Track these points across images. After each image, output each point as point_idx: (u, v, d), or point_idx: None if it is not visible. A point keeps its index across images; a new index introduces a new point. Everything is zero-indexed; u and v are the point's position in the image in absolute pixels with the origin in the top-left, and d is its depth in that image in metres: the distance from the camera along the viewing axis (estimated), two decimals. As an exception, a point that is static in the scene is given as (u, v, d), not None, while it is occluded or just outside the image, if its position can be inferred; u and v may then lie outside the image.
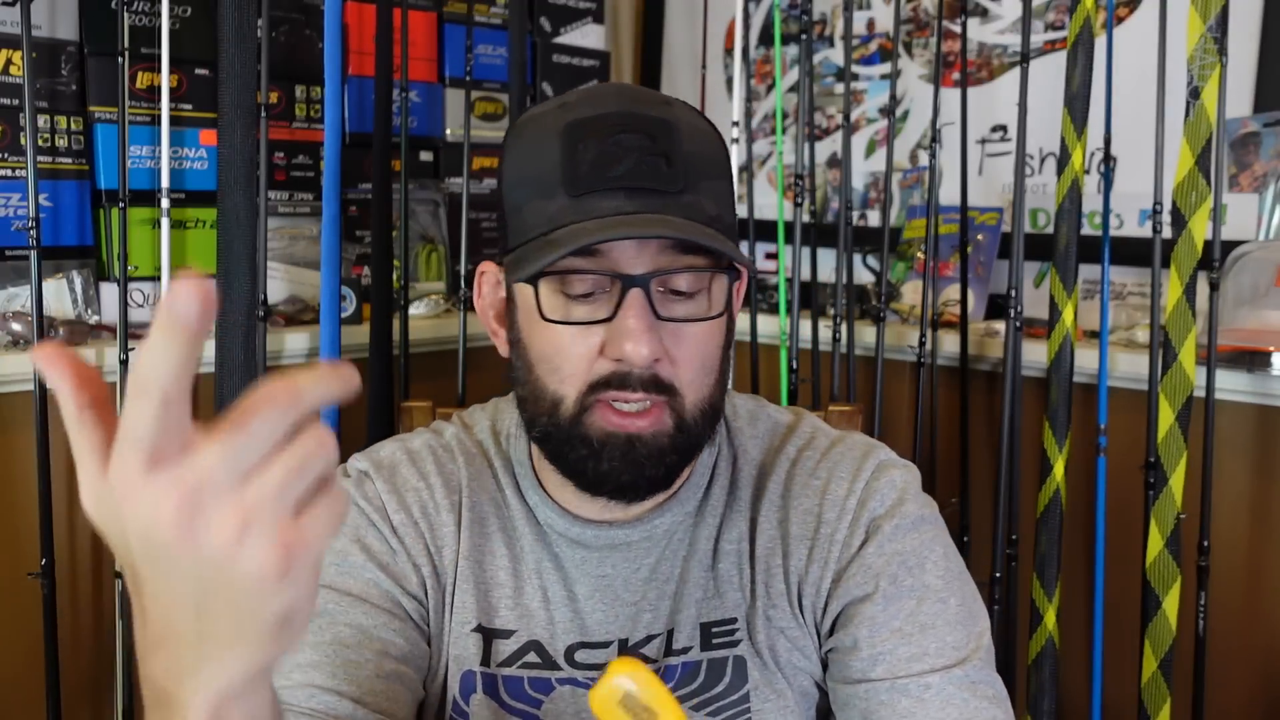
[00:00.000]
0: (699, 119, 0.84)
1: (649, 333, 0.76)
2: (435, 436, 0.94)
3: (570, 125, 0.79)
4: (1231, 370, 1.50)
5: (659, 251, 0.78)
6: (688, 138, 0.80)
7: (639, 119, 0.79)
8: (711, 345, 0.82)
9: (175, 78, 1.63)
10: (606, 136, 0.77)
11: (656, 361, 0.78)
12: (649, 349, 0.76)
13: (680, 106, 0.83)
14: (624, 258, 0.77)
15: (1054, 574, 1.57)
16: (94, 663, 1.58)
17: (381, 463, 0.91)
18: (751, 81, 2.25)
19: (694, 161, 0.79)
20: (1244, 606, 1.56)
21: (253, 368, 1.51)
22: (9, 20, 1.51)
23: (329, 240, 1.59)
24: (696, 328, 0.80)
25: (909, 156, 2.06)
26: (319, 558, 0.44)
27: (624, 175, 0.77)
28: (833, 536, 0.86)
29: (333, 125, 1.58)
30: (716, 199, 0.80)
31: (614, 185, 0.76)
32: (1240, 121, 1.63)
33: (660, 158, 0.77)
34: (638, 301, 0.77)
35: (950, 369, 1.80)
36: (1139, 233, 1.73)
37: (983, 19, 1.94)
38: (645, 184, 0.77)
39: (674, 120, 0.80)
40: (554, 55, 2.16)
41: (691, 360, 0.80)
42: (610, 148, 0.77)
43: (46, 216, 1.55)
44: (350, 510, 0.88)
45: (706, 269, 0.79)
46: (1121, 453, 1.58)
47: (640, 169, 0.77)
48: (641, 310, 0.77)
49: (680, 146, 0.78)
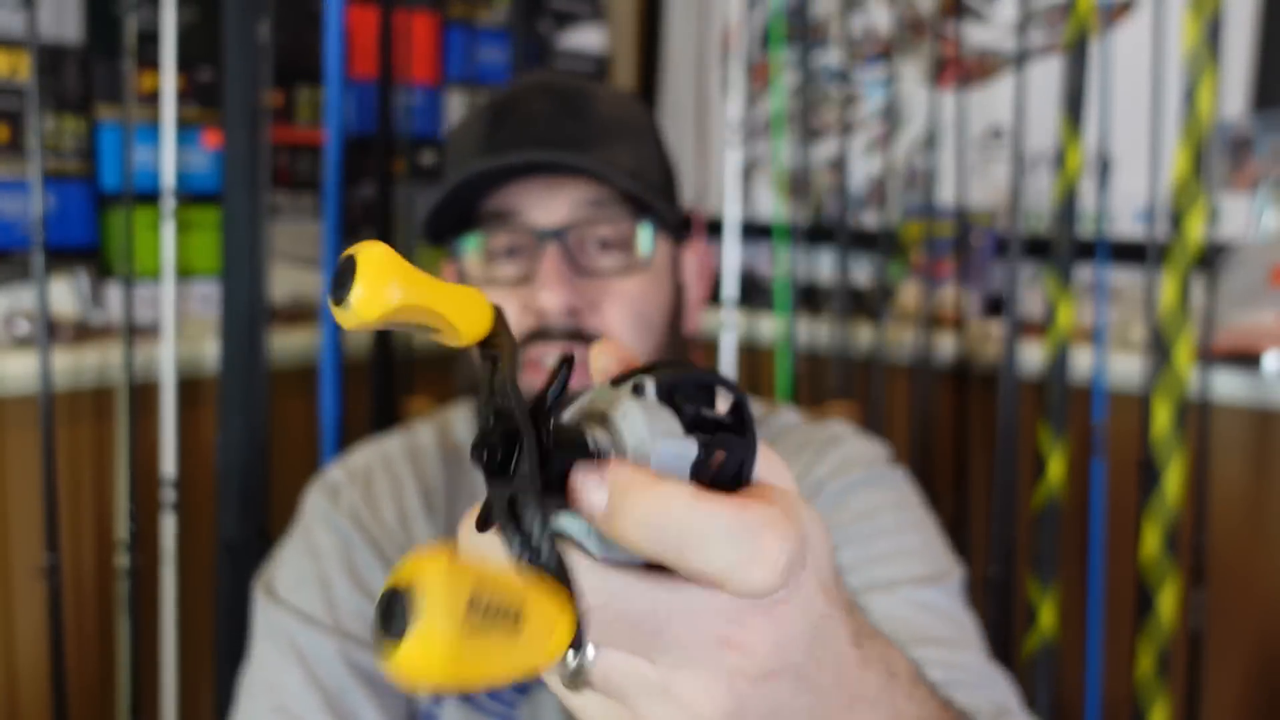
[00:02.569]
0: (620, 93, 0.87)
1: (562, 280, 0.77)
2: (410, 439, 0.94)
3: (492, 103, 0.83)
4: (1227, 371, 1.51)
5: (575, 204, 0.79)
6: (602, 103, 0.82)
7: (553, 88, 0.82)
8: (646, 302, 0.81)
9: (179, 80, 1.64)
10: (521, 106, 0.80)
11: (577, 314, 0.78)
12: (561, 299, 0.77)
13: (602, 84, 0.87)
14: (539, 214, 0.79)
15: (1050, 574, 1.58)
16: (99, 661, 1.59)
17: (356, 472, 0.91)
18: (750, 84, 2.26)
19: (607, 122, 0.81)
20: (1239, 606, 1.57)
21: (256, 367, 1.52)
22: (15, 24, 1.52)
23: (331, 241, 1.60)
24: (623, 280, 0.80)
25: (906, 158, 2.06)
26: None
27: (535, 134, 0.79)
28: None
29: (335, 127, 1.59)
30: (636, 156, 0.81)
31: (525, 142, 0.79)
32: (1235, 123, 1.64)
33: (571, 118, 0.80)
34: (551, 253, 0.78)
35: (947, 370, 1.81)
36: (1134, 234, 1.74)
37: (979, 22, 1.94)
38: (553, 140, 0.79)
39: (587, 89, 0.83)
40: (554, 57, 2.18)
41: (620, 312, 0.80)
42: (523, 112, 0.80)
43: (51, 218, 1.56)
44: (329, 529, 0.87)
45: (623, 216, 0.80)
46: (1117, 453, 1.59)
47: (550, 127, 0.79)
48: (556, 260, 0.78)
49: (592, 108, 0.81)
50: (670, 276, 0.86)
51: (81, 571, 1.57)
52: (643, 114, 0.87)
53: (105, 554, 1.59)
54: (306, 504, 0.91)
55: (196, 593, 1.62)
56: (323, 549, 0.87)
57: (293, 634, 0.82)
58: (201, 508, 1.62)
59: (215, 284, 1.60)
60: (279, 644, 0.82)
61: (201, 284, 1.72)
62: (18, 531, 1.50)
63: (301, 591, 0.84)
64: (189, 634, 1.61)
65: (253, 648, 0.86)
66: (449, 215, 0.83)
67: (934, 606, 0.76)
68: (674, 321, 0.85)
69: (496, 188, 0.81)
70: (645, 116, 0.87)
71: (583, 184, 0.80)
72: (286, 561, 0.88)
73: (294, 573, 0.86)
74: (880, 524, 0.81)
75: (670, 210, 0.84)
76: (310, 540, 0.88)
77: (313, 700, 0.79)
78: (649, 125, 0.87)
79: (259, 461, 1.53)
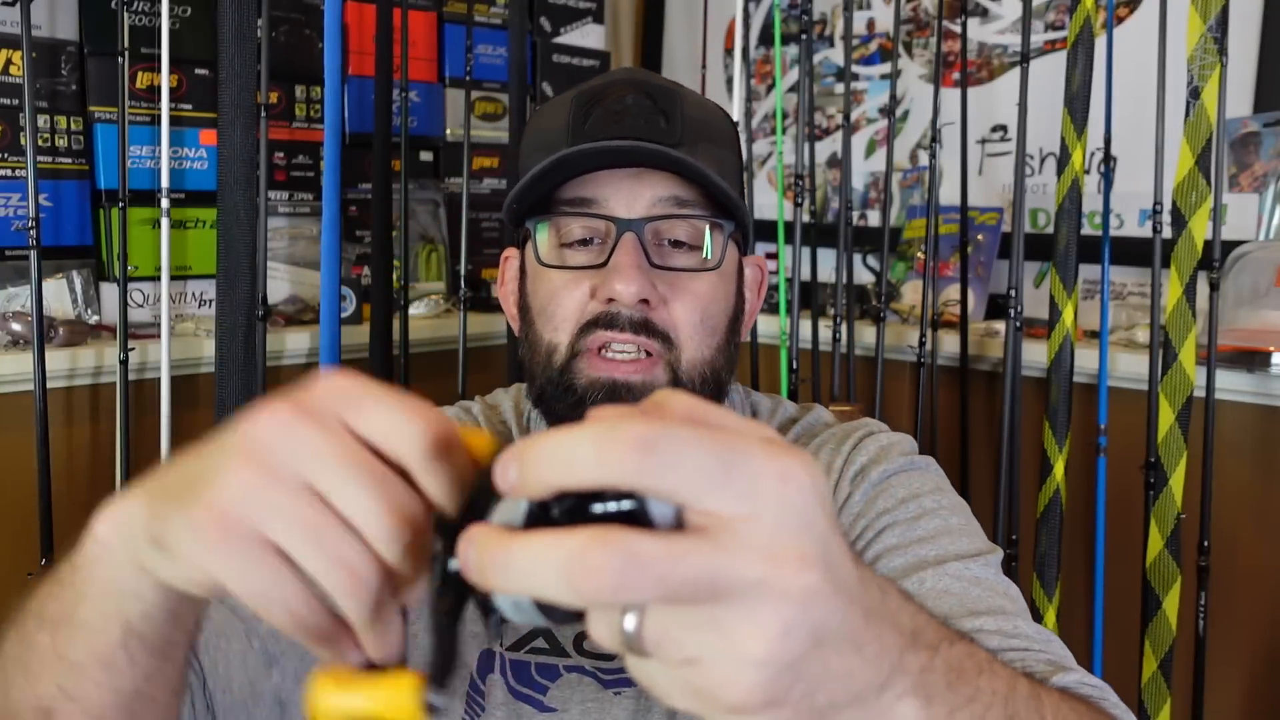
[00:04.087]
0: (708, 101, 0.88)
1: (637, 270, 0.78)
2: (463, 412, 0.95)
3: (579, 93, 0.84)
4: (1231, 370, 1.50)
5: (655, 201, 0.80)
6: (691, 105, 0.83)
7: (643, 84, 0.83)
8: (713, 303, 0.82)
9: (175, 78, 1.63)
10: (612, 98, 0.81)
11: (648, 305, 0.79)
12: (637, 286, 0.77)
13: (689, 89, 0.87)
14: (620, 205, 0.80)
15: (1054, 574, 1.57)
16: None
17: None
18: (751, 81, 2.25)
19: (694, 124, 0.82)
20: (1244, 606, 1.56)
21: (253, 368, 1.51)
22: (9, 20, 1.51)
23: (329, 240, 1.59)
24: (694, 280, 0.81)
25: (909, 156, 2.05)
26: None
27: (624, 127, 0.80)
28: None
29: (332, 125, 1.58)
30: (717, 161, 0.82)
31: (613, 136, 0.79)
32: (1240, 121, 1.63)
33: (660, 115, 0.81)
34: (629, 243, 0.79)
35: (950, 369, 1.80)
36: (1139, 233, 1.73)
37: (983, 19, 1.93)
38: (643, 135, 0.79)
39: (677, 89, 0.84)
40: (554, 55, 2.16)
41: (689, 311, 0.81)
42: (613, 105, 0.81)
43: (46, 216, 1.55)
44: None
45: (703, 217, 0.81)
46: (1121, 453, 1.58)
47: (639, 123, 0.80)
48: (632, 250, 0.79)
49: (681, 109, 0.82)
50: (735, 283, 0.87)
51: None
52: (726, 121, 0.89)
53: (101, 556, 1.57)
54: None
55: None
56: None
57: None
58: (198, 509, 1.60)
59: (211, 283, 1.59)
60: None
61: (198, 283, 1.71)
62: (13, 534, 1.48)
63: None
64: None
65: None
66: (529, 200, 0.83)
67: (983, 580, 0.78)
68: (734, 328, 0.87)
69: (578, 176, 0.83)
70: (728, 124, 0.89)
71: (666, 180, 0.81)
72: None
73: None
74: (924, 505, 0.82)
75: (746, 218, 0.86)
76: None
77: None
78: (731, 133, 0.88)
79: (256, 462, 1.51)
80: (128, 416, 1.53)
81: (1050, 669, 0.71)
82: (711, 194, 0.82)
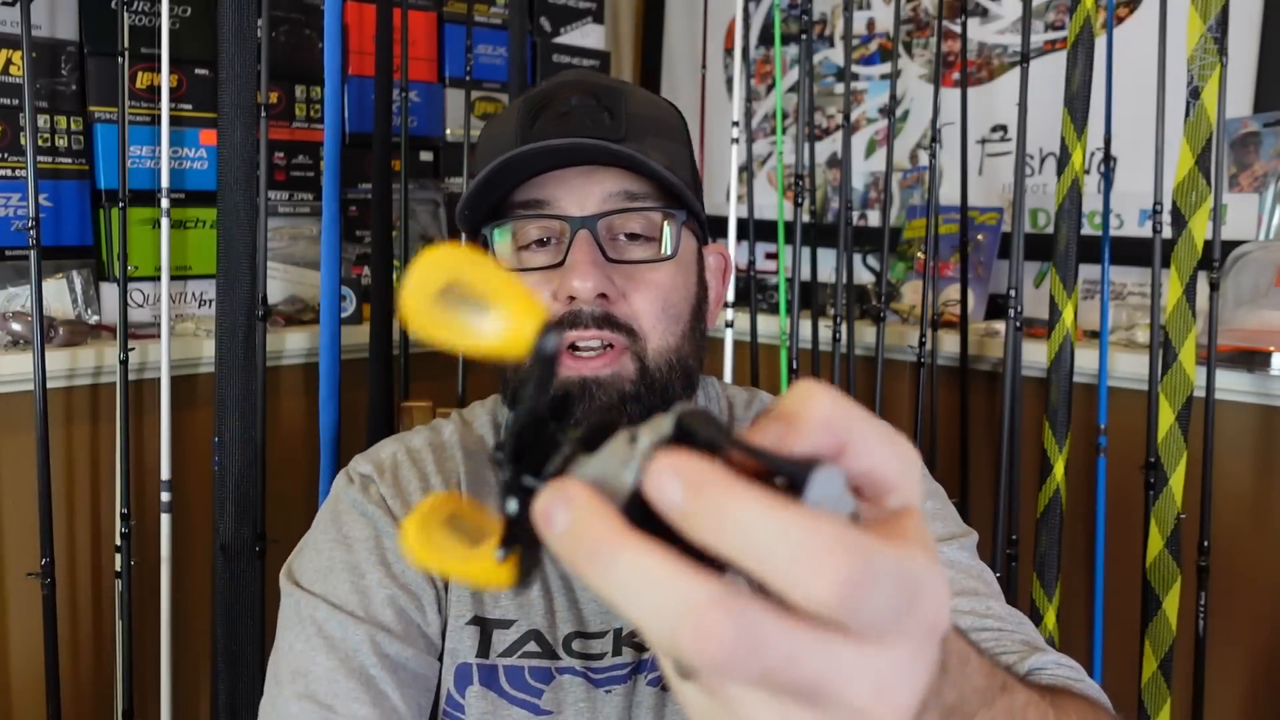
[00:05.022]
0: (656, 97, 0.90)
1: (592, 265, 0.79)
2: (434, 434, 0.96)
3: (527, 98, 0.85)
4: (1232, 370, 1.50)
5: (606, 197, 0.82)
6: (636, 101, 0.85)
7: (589, 85, 0.84)
8: (673, 291, 0.84)
9: (175, 78, 1.63)
10: (558, 100, 0.83)
11: (607, 300, 0.80)
12: (594, 281, 0.79)
13: (635, 86, 0.89)
14: (571, 204, 0.82)
15: (1054, 574, 1.57)
16: (94, 662, 1.58)
17: (383, 465, 0.92)
18: (751, 81, 2.25)
19: (640, 120, 0.84)
20: (1244, 606, 1.56)
21: (253, 368, 1.51)
22: (9, 20, 1.51)
23: (329, 240, 1.59)
24: (652, 270, 0.83)
25: (909, 156, 2.05)
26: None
27: (570, 127, 0.81)
28: None
29: (332, 125, 1.58)
30: (665, 154, 0.84)
31: (560, 134, 0.81)
32: (1240, 121, 1.63)
33: (605, 112, 0.82)
34: (583, 240, 0.80)
35: (950, 369, 1.80)
36: (1139, 233, 1.73)
37: (983, 19, 1.93)
38: (588, 133, 0.81)
39: (622, 87, 0.85)
40: (554, 55, 2.16)
41: (649, 301, 0.82)
42: (559, 107, 0.83)
43: (46, 216, 1.55)
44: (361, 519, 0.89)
45: (655, 208, 0.83)
46: (1121, 453, 1.58)
47: (585, 122, 0.82)
48: (587, 247, 0.80)
49: (625, 106, 0.83)
50: (696, 272, 0.89)
51: (76, 573, 1.56)
52: (674, 116, 0.90)
53: (100, 555, 1.57)
54: (335, 495, 0.93)
55: (192, 595, 1.61)
56: (355, 538, 0.88)
57: (321, 622, 0.83)
58: (197, 509, 1.60)
59: (211, 283, 1.59)
60: (306, 631, 0.83)
61: (198, 283, 1.71)
62: (13, 533, 1.49)
63: (331, 580, 0.86)
64: (184, 636, 1.60)
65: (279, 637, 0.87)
66: (482, 206, 0.85)
67: (957, 562, 0.81)
68: (697, 315, 0.88)
69: (530, 179, 0.84)
70: (676, 118, 0.90)
71: (615, 176, 0.83)
72: (316, 550, 0.89)
73: (324, 562, 0.88)
74: None
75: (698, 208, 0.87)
76: (341, 530, 0.89)
77: (341, 686, 0.80)
78: (679, 127, 0.90)
79: (255, 463, 1.51)
80: (128, 416, 1.53)
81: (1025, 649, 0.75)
82: (663, 186, 0.84)
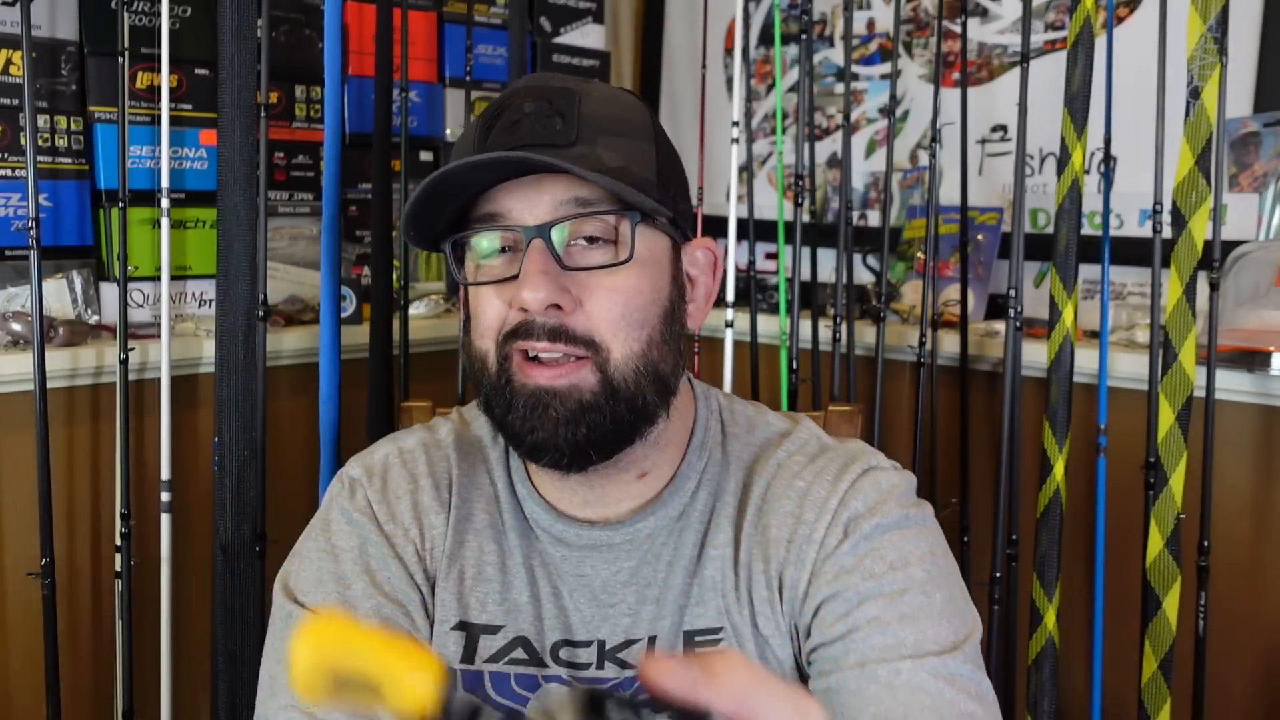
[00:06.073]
0: (620, 92, 0.88)
1: (543, 276, 0.78)
2: (430, 433, 0.95)
3: (486, 109, 0.84)
4: (1232, 370, 1.50)
5: (556, 205, 0.80)
6: (592, 101, 0.83)
7: (541, 89, 0.83)
8: (635, 296, 0.81)
9: (175, 78, 1.63)
10: (512, 108, 0.82)
11: (560, 310, 0.79)
12: (545, 292, 0.78)
13: (600, 84, 0.87)
14: (525, 213, 0.81)
15: (1054, 574, 1.57)
16: (94, 662, 1.58)
17: (373, 469, 0.92)
18: (751, 81, 2.25)
19: (592, 119, 0.82)
20: (1244, 606, 1.56)
21: (253, 368, 1.51)
22: (9, 20, 1.51)
23: (329, 240, 1.59)
24: (611, 277, 0.81)
25: (909, 156, 2.05)
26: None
27: (521, 136, 0.80)
28: (810, 537, 0.84)
29: (332, 125, 1.58)
30: (621, 153, 0.82)
31: (511, 146, 0.79)
32: (1240, 121, 1.63)
33: (555, 117, 0.81)
34: (535, 250, 0.79)
35: (950, 369, 1.80)
36: (1139, 233, 1.73)
37: (983, 19, 1.93)
38: (538, 141, 0.80)
39: (577, 88, 0.84)
40: (554, 55, 2.17)
41: (606, 308, 0.80)
42: (511, 115, 0.81)
43: (46, 216, 1.55)
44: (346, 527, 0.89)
45: (606, 212, 0.81)
46: (1121, 453, 1.58)
47: (535, 128, 0.80)
48: (539, 258, 0.79)
49: (578, 108, 0.82)
50: (667, 272, 0.85)
51: (76, 573, 1.56)
52: (636, 111, 0.87)
53: (100, 555, 1.57)
54: (327, 501, 0.93)
55: (192, 595, 1.61)
56: (341, 548, 0.88)
57: None
58: (197, 509, 1.60)
59: (211, 283, 1.59)
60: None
61: (198, 283, 1.71)
62: (13, 533, 1.49)
63: (320, 592, 0.86)
64: (184, 636, 1.60)
65: (268, 643, 0.87)
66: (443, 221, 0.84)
67: (959, 678, 0.78)
68: (670, 318, 0.85)
69: (486, 192, 0.83)
70: (639, 113, 0.87)
71: (565, 183, 0.81)
72: (307, 559, 0.89)
73: (312, 572, 0.87)
74: (911, 577, 0.82)
75: (669, 204, 0.84)
76: (330, 538, 0.89)
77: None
78: (642, 122, 0.87)
79: (255, 463, 1.51)
80: (128, 416, 1.53)
81: None
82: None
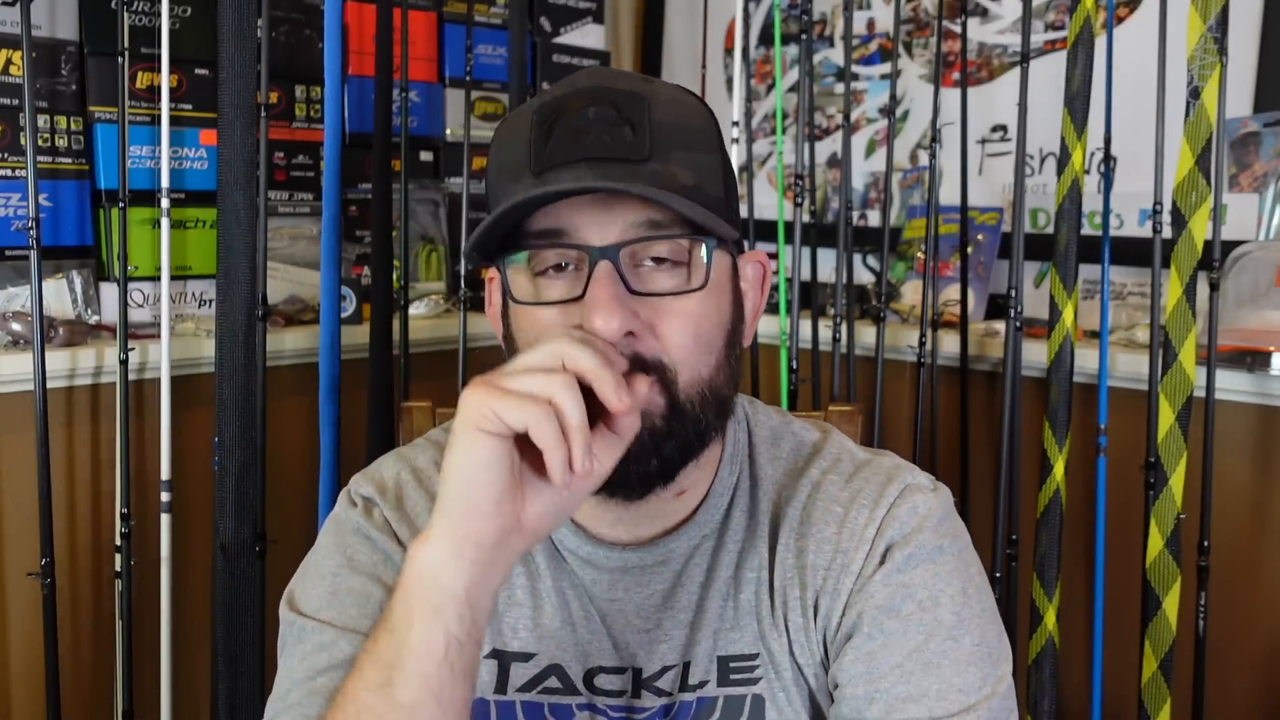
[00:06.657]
0: (683, 94, 0.81)
1: (615, 302, 0.72)
2: (438, 451, 0.89)
3: (540, 108, 0.77)
4: (1232, 370, 1.50)
5: (629, 225, 0.74)
6: (661, 108, 0.77)
7: (606, 92, 0.76)
8: (705, 321, 0.77)
9: (175, 78, 1.63)
10: (573, 112, 0.75)
11: (633, 337, 0.73)
12: (619, 321, 0.71)
13: (662, 83, 0.80)
14: (592, 233, 0.74)
15: (1054, 574, 1.57)
16: (94, 663, 1.58)
17: (385, 486, 0.87)
18: (751, 81, 2.25)
19: (665, 130, 0.76)
20: (1244, 607, 1.56)
21: (253, 368, 1.51)
22: (9, 20, 1.51)
23: (329, 240, 1.59)
24: (681, 301, 0.75)
25: (909, 156, 2.05)
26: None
27: (587, 147, 0.74)
28: (847, 567, 0.81)
29: (333, 125, 1.58)
30: (695, 169, 0.77)
31: (577, 158, 0.74)
32: (1240, 121, 1.63)
33: (625, 126, 0.74)
34: (604, 273, 0.73)
35: (950, 369, 1.80)
36: (1139, 233, 1.73)
37: (983, 19, 1.93)
38: (607, 154, 0.74)
39: (644, 92, 0.77)
40: (554, 55, 2.17)
41: (680, 334, 0.75)
42: (575, 121, 0.75)
43: (46, 216, 1.55)
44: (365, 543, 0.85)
45: (681, 235, 0.75)
46: (1121, 453, 1.58)
47: (602, 140, 0.74)
48: (608, 281, 0.73)
49: (648, 115, 0.75)
50: (730, 291, 0.81)
51: (76, 573, 1.56)
52: (704, 116, 0.81)
53: (100, 555, 1.57)
54: (337, 520, 0.87)
55: (192, 595, 1.61)
56: (361, 563, 0.83)
57: (328, 645, 0.78)
58: (197, 509, 1.60)
59: (211, 283, 1.59)
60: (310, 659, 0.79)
61: (198, 283, 1.71)
62: (13, 533, 1.49)
63: (338, 605, 0.81)
64: (184, 636, 1.60)
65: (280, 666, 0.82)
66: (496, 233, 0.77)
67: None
68: (732, 339, 0.81)
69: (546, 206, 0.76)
70: (707, 119, 0.81)
71: (640, 202, 0.74)
72: (319, 576, 0.84)
73: (328, 586, 0.83)
74: (940, 619, 0.79)
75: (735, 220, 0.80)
76: (346, 554, 0.84)
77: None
78: (710, 129, 0.81)
79: (255, 463, 1.51)
80: (128, 416, 1.53)
81: None
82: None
